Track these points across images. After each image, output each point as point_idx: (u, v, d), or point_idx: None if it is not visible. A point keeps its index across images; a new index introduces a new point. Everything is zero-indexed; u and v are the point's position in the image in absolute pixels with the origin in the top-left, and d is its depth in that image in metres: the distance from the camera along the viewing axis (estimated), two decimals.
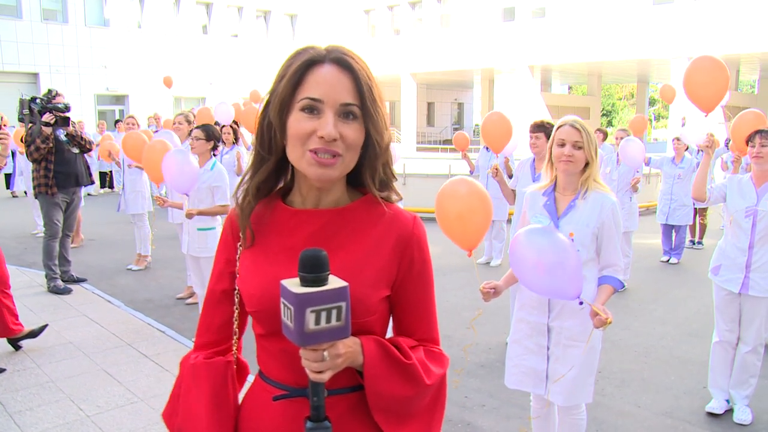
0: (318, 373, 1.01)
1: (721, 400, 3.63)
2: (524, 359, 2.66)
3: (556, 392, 2.58)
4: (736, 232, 3.42)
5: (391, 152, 1.22)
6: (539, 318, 2.61)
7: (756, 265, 3.35)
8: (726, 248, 3.50)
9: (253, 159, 1.20)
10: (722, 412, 3.59)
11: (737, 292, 3.42)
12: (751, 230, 3.34)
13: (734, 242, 3.43)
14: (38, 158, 5.70)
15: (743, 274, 3.37)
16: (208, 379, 1.22)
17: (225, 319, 1.26)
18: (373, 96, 1.13)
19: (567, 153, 2.51)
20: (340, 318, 0.97)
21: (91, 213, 10.89)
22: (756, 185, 3.38)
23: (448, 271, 6.94)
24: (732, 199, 3.44)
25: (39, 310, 5.33)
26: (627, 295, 6.14)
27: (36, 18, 22.62)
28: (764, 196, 3.33)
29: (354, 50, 1.15)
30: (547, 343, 2.60)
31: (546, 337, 2.60)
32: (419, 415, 1.19)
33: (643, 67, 26.17)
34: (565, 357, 2.55)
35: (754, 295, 3.36)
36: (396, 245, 1.18)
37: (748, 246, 3.36)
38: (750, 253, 3.36)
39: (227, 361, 1.25)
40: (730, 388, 3.60)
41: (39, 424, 3.33)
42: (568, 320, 2.54)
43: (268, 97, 1.15)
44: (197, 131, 4.72)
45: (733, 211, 3.42)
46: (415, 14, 29.43)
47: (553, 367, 2.58)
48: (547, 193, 2.64)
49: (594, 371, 2.63)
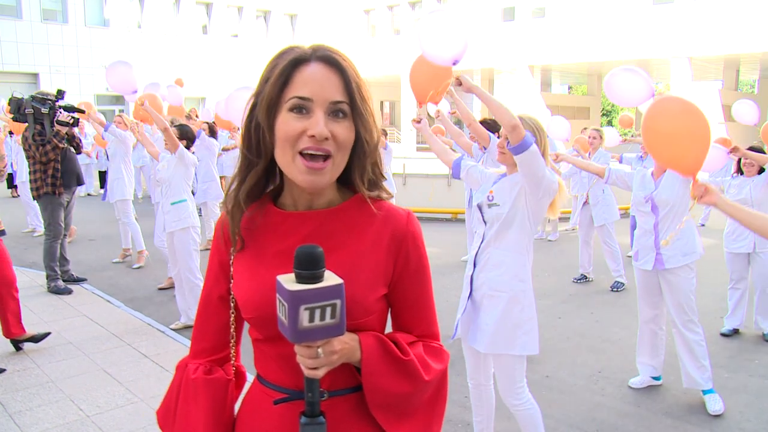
0: (313, 370, 1.01)
1: (645, 376, 4.00)
2: (459, 312, 2.88)
3: (479, 339, 2.76)
4: (643, 217, 3.78)
5: (381, 152, 1.21)
6: (468, 271, 2.85)
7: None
8: (639, 234, 3.84)
9: (240, 164, 1.17)
10: (642, 386, 3.97)
11: (651, 269, 3.72)
12: (653, 212, 3.70)
13: (643, 225, 3.79)
14: (53, 158, 5.71)
15: (654, 252, 3.69)
16: (207, 396, 1.21)
17: (221, 324, 1.25)
18: (362, 94, 1.11)
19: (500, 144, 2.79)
20: (335, 315, 0.96)
21: (91, 213, 10.89)
22: (654, 177, 3.78)
23: (446, 271, 6.94)
24: (635, 189, 3.83)
25: (39, 311, 5.33)
26: (627, 295, 6.14)
27: (36, 18, 22.61)
28: (660, 184, 3.68)
29: (341, 49, 1.13)
30: (470, 294, 2.80)
31: (470, 289, 2.82)
32: (419, 412, 1.18)
33: (643, 67, 25.91)
34: (489, 307, 2.73)
35: (668, 267, 3.65)
36: (391, 242, 1.17)
37: (654, 225, 3.70)
38: (656, 231, 3.69)
39: (227, 379, 1.24)
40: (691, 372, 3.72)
41: (39, 425, 3.34)
42: (491, 271, 2.73)
43: (254, 99, 1.13)
44: (173, 128, 4.91)
45: (636, 198, 3.80)
46: (415, 14, 29.39)
47: (480, 317, 2.76)
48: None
49: (524, 323, 2.72)
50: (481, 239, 2.79)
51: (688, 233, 3.67)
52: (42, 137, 5.68)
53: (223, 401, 1.22)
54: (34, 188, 5.80)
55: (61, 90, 5.93)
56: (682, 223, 3.21)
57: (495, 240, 2.73)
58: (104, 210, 11.32)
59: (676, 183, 3.61)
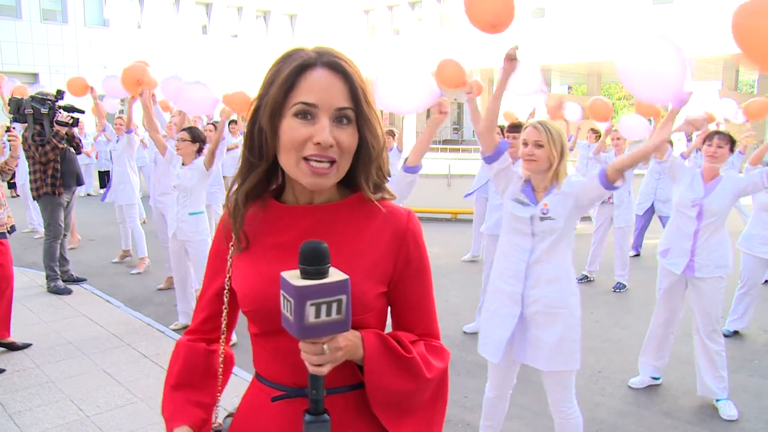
0: (317, 366, 1.01)
1: (645, 376, 3.98)
2: (498, 329, 2.73)
3: (538, 358, 2.66)
4: (684, 219, 3.65)
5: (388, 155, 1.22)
6: (515, 287, 2.69)
7: (700, 249, 3.58)
8: (674, 233, 3.72)
9: (241, 165, 1.18)
10: (642, 386, 3.95)
11: (680, 274, 3.63)
12: (697, 218, 3.58)
13: (682, 228, 3.66)
14: (53, 158, 5.71)
15: (688, 258, 3.60)
16: (184, 358, 1.28)
17: (214, 312, 1.30)
18: (367, 99, 1.11)
19: (528, 152, 2.61)
20: (341, 311, 0.96)
21: (91, 213, 10.89)
22: (704, 180, 3.65)
23: (447, 272, 6.94)
24: (682, 189, 3.68)
25: (39, 311, 5.32)
26: (627, 296, 6.14)
27: (36, 18, 22.61)
28: (712, 192, 3.58)
29: (344, 52, 1.13)
30: (521, 312, 2.67)
31: (521, 306, 2.67)
32: (420, 410, 1.19)
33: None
34: (545, 324, 2.63)
35: (699, 276, 3.57)
36: (391, 240, 1.17)
37: (695, 231, 3.59)
38: (695, 238, 3.59)
39: (209, 350, 1.29)
40: (708, 381, 3.68)
41: (39, 425, 3.33)
42: (545, 288, 2.62)
43: (258, 102, 1.13)
44: (183, 133, 4.80)
45: (682, 200, 3.67)
46: (415, 14, 29.41)
47: (534, 334, 2.66)
48: (525, 184, 2.75)
49: (578, 338, 2.67)
50: (529, 253, 2.66)
51: (723, 246, 3.60)
52: (41, 137, 5.68)
53: (196, 365, 1.28)
54: (34, 188, 5.79)
55: (61, 90, 5.93)
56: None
57: (547, 254, 2.63)
58: (104, 210, 11.31)
59: (728, 195, 3.54)
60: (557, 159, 2.60)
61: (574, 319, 2.65)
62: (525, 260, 2.66)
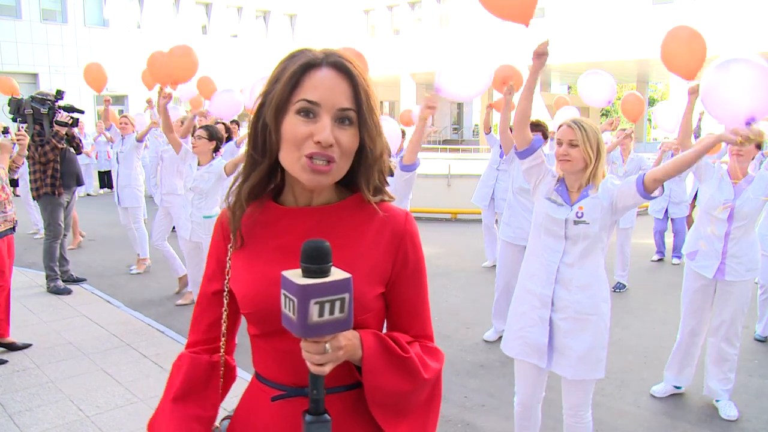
0: (319, 366, 1.00)
1: (668, 385, 3.84)
2: (529, 331, 2.65)
3: (564, 365, 2.58)
4: (714, 221, 3.53)
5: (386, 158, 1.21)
6: (544, 290, 2.61)
7: (731, 252, 3.47)
8: (702, 235, 3.59)
9: (245, 162, 1.19)
10: (665, 395, 3.83)
11: (711, 278, 3.52)
12: (728, 221, 3.47)
13: (712, 229, 3.54)
14: (52, 158, 5.71)
15: (719, 261, 3.49)
16: (186, 371, 1.25)
17: (215, 319, 1.27)
18: (370, 103, 1.12)
19: (562, 152, 2.53)
20: (343, 310, 0.96)
21: (91, 213, 10.89)
22: (732, 180, 3.54)
23: (447, 272, 6.94)
24: (712, 190, 3.54)
25: (39, 311, 5.33)
26: (627, 295, 6.14)
27: (35, 18, 22.62)
28: (743, 193, 3.47)
29: (351, 54, 1.14)
30: (550, 315, 2.60)
31: (550, 309, 2.60)
32: (416, 410, 1.19)
33: (642, 67, 26.14)
34: (574, 330, 2.55)
35: (730, 280, 3.47)
36: (390, 242, 1.18)
37: (725, 234, 3.48)
38: (726, 240, 3.48)
39: (212, 362, 1.26)
40: (716, 383, 3.65)
41: (39, 425, 3.33)
42: (577, 293, 2.54)
43: (263, 99, 1.14)
44: (200, 131, 4.79)
45: (712, 201, 3.52)
46: (415, 14, 29.43)
47: (562, 341, 2.58)
48: (559, 183, 2.67)
49: (605, 345, 2.61)
50: (561, 255, 2.59)
51: (752, 249, 3.51)
52: (41, 138, 5.68)
53: (198, 377, 1.25)
54: (34, 188, 5.80)
55: (61, 90, 5.93)
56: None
57: (580, 259, 2.55)
58: (104, 210, 11.32)
59: (760, 197, 3.44)
60: (593, 159, 2.51)
61: (604, 326, 2.58)
62: (556, 262, 2.59)
